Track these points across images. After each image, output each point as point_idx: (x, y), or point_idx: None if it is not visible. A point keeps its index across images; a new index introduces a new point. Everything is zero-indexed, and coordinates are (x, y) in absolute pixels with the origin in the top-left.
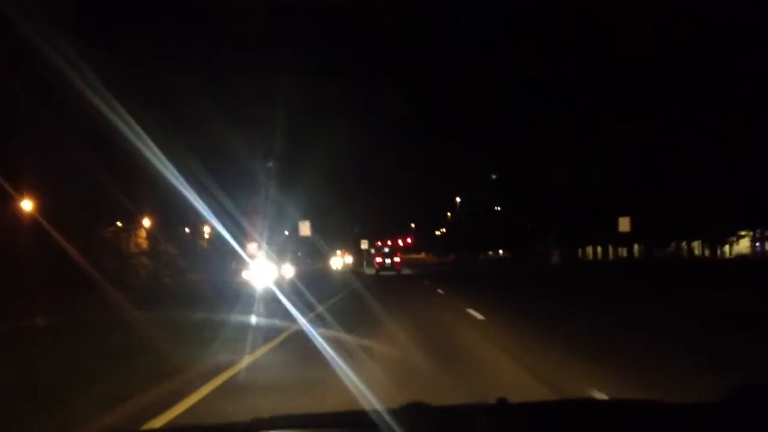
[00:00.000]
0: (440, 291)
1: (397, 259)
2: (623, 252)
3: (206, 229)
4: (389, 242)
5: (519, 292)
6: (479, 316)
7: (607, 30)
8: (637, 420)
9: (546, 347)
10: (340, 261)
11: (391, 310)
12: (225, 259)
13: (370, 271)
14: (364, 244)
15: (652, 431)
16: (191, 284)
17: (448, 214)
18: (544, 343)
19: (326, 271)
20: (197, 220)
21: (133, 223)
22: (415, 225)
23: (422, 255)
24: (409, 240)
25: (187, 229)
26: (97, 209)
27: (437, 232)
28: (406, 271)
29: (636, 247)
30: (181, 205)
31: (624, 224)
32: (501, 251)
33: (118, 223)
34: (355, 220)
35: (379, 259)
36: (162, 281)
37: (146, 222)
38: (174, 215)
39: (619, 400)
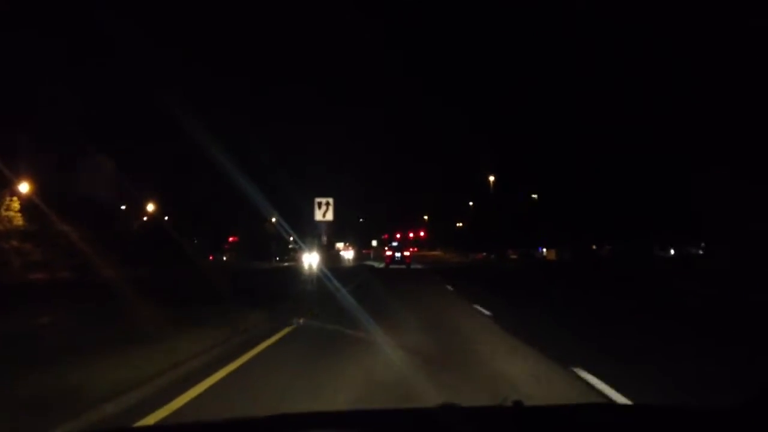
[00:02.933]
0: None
1: (407, 253)
2: None
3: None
4: (398, 235)
5: None
6: None
7: None
8: (657, 425)
9: None
10: (315, 258)
11: None
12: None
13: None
14: (319, 212)
15: None
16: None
17: (470, 203)
18: None
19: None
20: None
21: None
22: (428, 217)
23: (437, 252)
24: (421, 233)
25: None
26: None
27: (458, 224)
28: (417, 266)
29: None
30: None
31: None
32: (544, 250)
33: None
34: (360, 210)
35: (389, 253)
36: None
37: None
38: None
39: (640, 404)
